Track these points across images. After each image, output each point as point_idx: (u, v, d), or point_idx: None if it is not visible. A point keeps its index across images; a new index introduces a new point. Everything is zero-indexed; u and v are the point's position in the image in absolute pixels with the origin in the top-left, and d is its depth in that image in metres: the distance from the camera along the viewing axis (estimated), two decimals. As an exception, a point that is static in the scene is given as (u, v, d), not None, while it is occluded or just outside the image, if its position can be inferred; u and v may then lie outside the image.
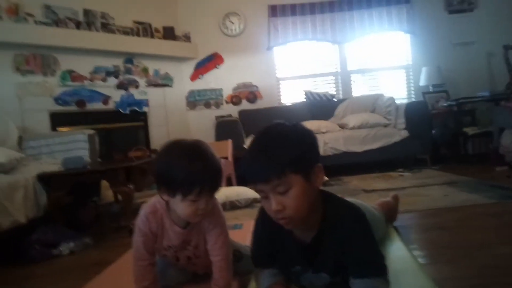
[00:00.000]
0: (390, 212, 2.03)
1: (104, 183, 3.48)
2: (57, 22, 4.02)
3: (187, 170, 1.15)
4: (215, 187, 1.22)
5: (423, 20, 5.16)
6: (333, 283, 1.13)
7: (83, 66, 4.29)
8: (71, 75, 4.17)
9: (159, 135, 4.94)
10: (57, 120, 4.02)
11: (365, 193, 3.17)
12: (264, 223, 1.14)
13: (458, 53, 5.15)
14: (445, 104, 4.71)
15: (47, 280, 1.96)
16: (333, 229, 1.05)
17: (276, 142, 1.01)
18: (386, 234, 1.83)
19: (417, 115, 4.35)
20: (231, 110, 5.26)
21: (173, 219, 1.29)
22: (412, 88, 5.34)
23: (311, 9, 5.20)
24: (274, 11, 5.24)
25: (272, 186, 0.98)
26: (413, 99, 5.24)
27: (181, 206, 1.19)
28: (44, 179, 2.63)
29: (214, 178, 1.20)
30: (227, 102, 5.40)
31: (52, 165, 2.91)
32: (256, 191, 1.04)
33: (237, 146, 4.07)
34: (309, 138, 1.06)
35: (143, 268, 1.29)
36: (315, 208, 1.06)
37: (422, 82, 5.06)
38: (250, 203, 3.13)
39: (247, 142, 4.36)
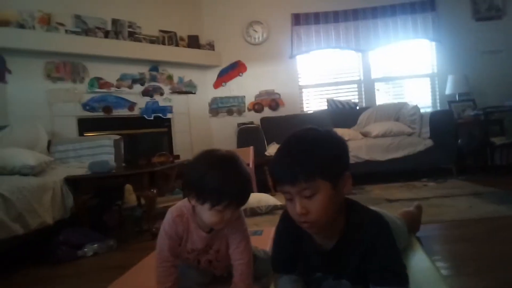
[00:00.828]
0: (413, 222, 2.01)
1: (128, 188, 3.56)
2: (87, 31, 4.17)
3: (219, 182, 1.18)
4: (244, 201, 1.26)
5: (450, 28, 5.09)
6: None
7: (110, 73, 4.42)
8: (98, 82, 4.30)
9: (182, 141, 5.02)
10: (84, 125, 4.15)
11: (388, 203, 3.12)
12: (287, 228, 1.15)
13: (486, 61, 5.04)
14: (472, 113, 4.61)
15: (72, 281, 2.01)
16: (356, 237, 1.05)
17: (308, 146, 1.02)
18: (409, 244, 1.80)
19: (442, 124, 4.27)
20: (253, 118, 5.30)
21: (199, 223, 1.33)
22: (438, 97, 5.25)
23: (334, 18, 5.21)
24: (297, 19, 5.27)
25: (299, 189, 0.99)
26: (438, 108, 5.15)
27: (208, 214, 1.22)
28: (71, 182, 2.71)
29: (243, 193, 1.24)
30: (249, 110, 5.44)
31: (78, 169, 3.00)
32: (282, 192, 1.04)
33: (259, 153, 4.09)
34: (341, 146, 1.07)
35: (167, 269, 1.32)
36: (339, 215, 1.07)
37: (448, 90, 4.97)
38: (270, 210, 3.14)
39: (269, 149, 4.37)
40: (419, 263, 1.58)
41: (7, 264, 2.26)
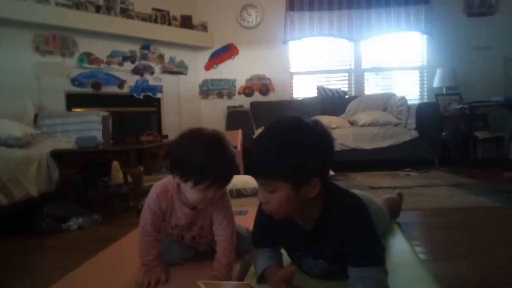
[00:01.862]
0: (394, 208, 2.06)
1: (115, 165, 3.55)
2: (78, 5, 4.09)
3: (203, 161, 1.17)
4: (226, 182, 1.25)
5: (441, 22, 5.12)
6: (331, 270, 1.16)
7: (101, 49, 4.37)
8: (88, 57, 4.24)
9: (171, 122, 5.01)
10: (73, 100, 4.11)
11: (371, 190, 3.18)
12: None
13: (475, 57, 5.10)
14: (458, 107, 4.68)
15: (56, 252, 2.02)
16: (335, 219, 1.07)
17: (281, 143, 0.99)
18: (389, 229, 1.86)
19: (428, 116, 4.34)
20: (243, 101, 5.30)
21: (183, 200, 1.34)
22: (425, 89, 5.32)
23: (329, 5, 5.20)
24: (292, 5, 5.25)
25: (261, 183, 1.03)
26: (426, 100, 5.21)
27: (190, 192, 1.23)
28: (57, 155, 2.70)
29: (227, 173, 1.23)
30: (239, 93, 5.44)
31: (65, 143, 2.99)
32: None
33: (247, 137, 4.11)
34: (321, 149, 1.02)
35: (149, 243, 1.34)
36: (314, 201, 1.07)
37: (436, 83, 5.04)
38: (256, 192, 3.16)
39: (257, 133, 4.39)
40: (399, 246, 1.63)
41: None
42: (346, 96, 5.22)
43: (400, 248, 1.60)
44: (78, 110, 4.05)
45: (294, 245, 1.21)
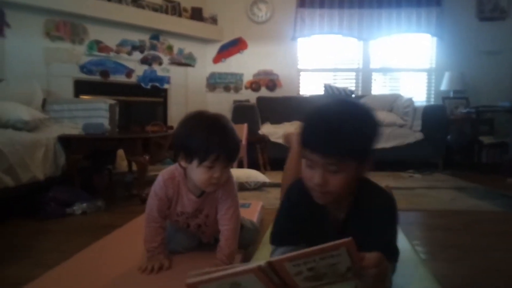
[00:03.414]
0: None
1: (120, 154, 3.59)
2: (90, -8, 4.10)
3: (205, 137, 1.20)
4: (232, 156, 1.26)
5: (452, 25, 5.10)
6: None
7: (111, 37, 4.38)
8: (98, 45, 4.26)
9: (177, 113, 5.02)
10: (81, 87, 4.14)
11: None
12: (303, 197, 1.10)
13: (484, 61, 5.08)
14: (464, 111, 4.68)
15: (59, 236, 2.05)
16: (363, 210, 1.06)
17: (352, 123, 0.96)
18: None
19: (434, 119, 4.33)
20: (250, 96, 5.31)
21: (189, 187, 1.35)
22: (433, 92, 5.30)
23: (340, 3, 5.18)
24: (303, 1, 5.24)
25: (327, 162, 0.95)
26: (432, 103, 5.20)
27: (197, 172, 1.24)
28: (64, 141, 2.73)
29: (231, 148, 1.24)
30: (246, 88, 5.44)
31: (73, 129, 3.01)
32: (305, 156, 1.01)
33: (252, 131, 4.12)
34: (377, 129, 1.03)
35: (154, 230, 1.36)
36: (351, 190, 1.06)
37: (444, 86, 5.03)
38: (258, 187, 3.19)
39: (263, 128, 4.41)
40: (400, 245, 1.62)
41: (-4, 214, 2.29)
42: (353, 95, 5.21)
43: (401, 247, 1.59)
44: (86, 97, 4.08)
45: (323, 237, 1.17)
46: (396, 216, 1.07)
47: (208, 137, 1.20)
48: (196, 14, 5.15)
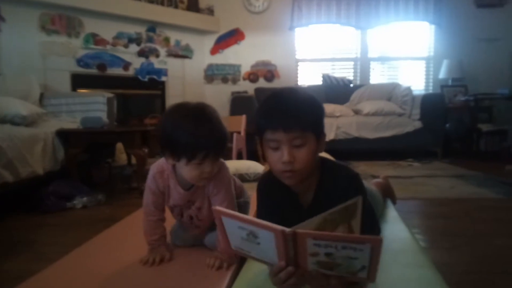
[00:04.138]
0: (385, 190, 2.08)
1: (119, 147, 3.58)
2: (84, -15, 4.07)
3: (191, 135, 1.15)
4: (220, 151, 1.22)
5: (450, 12, 5.07)
6: None
7: (107, 30, 4.35)
8: (94, 38, 4.23)
9: (175, 106, 5.01)
10: (78, 81, 4.12)
11: (372, 179, 3.19)
12: (272, 185, 1.16)
13: (482, 49, 5.06)
14: (463, 99, 4.67)
15: (59, 230, 2.05)
16: (330, 190, 1.10)
17: (305, 99, 1.06)
18: (389, 215, 1.87)
19: (432, 107, 4.33)
20: (248, 87, 5.29)
21: (178, 180, 1.31)
22: (431, 80, 5.29)
23: (337, -8, 5.15)
24: (300, -10, 5.20)
25: (290, 137, 1.01)
26: (431, 91, 5.19)
27: (186, 170, 1.21)
28: (63, 135, 2.72)
29: (219, 143, 1.20)
30: (244, 79, 5.42)
31: (71, 123, 3.01)
32: (269, 140, 1.05)
33: (251, 122, 4.11)
34: (323, 109, 1.12)
35: (153, 223, 1.36)
36: (314, 171, 1.11)
37: (442, 74, 5.02)
38: (258, 178, 3.19)
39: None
40: (400, 234, 1.64)
41: (-3, 209, 2.30)
42: (351, 85, 5.20)
43: (401, 235, 1.61)
44: (83, 90, 4.06)
45: (298, 221, 1.19)
46: (362, 188, 1.10)
47: (195, 135, 1.15)
48: (193, 5, 5.11)
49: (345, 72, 5.44)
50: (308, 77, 5.49)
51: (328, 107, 4.32)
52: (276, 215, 1.16)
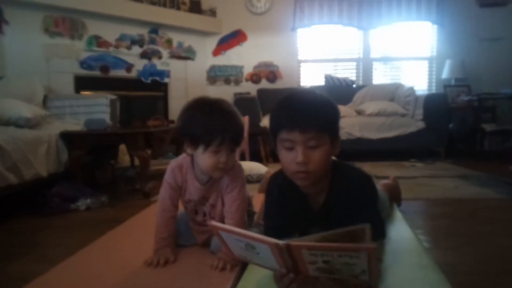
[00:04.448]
0: (393, 193, 2.08)
1: (122, 148, 3.59)
2: (87, -13, 4.08)
3: (209, 121, 1.22)
4: (236, 140, 1.27)
5: (453, 12, 5.06)
6: None
7: (110, 32, 4.37)
8: (97, 40, 4.25)
9: (178, 107, 4.92)
10: (81, 83, 4.14)
11: (376, 179, 3.18)
12: (280, 186, 1.17)
13: (485, 48, 5.05)
14: (466, 99, 4.66)
15: (63, 231, 2.05)
16: (341, 191, 1.10)
17: (322, 101, 1.07)
18: (392, 216, 1.87)
19: (435, 107, 4.31)
20: (250, 88, 5.29)
21: (196, 174, 1.37)
22: (434, 80, 5.28)
23: (339, -8, 5.15)
24: (302, -9, 5.20)
25: (306, 138, 1.01)
26: (434, 91, 5.18)
27: (203, 158, 1.26)
28: (66, 137, 2.73)
29: (235, 131, 1.25)
30: (246, 80, 5.43)
31: (74, 125, 3.02)
32: (283, 140, 1.05)
33: (253, 124, 4.11)
34: (339, 112, 1.14)
35: (166, 219, 1.39)
36: (327, 173, 1.11)
37: (445, 74, 5.00)
38: (261, 179, 3.19)
39: (264, 120, 4.40)
40: (403, 234, 1.64)
41: (1, 212, 2.30)
42: (354, 85, 5.20)
43: (404, 236, 1.62)
44: (86, 92, 4.07)
45: (308, 223, 1.19)
46: (375, 192, 1.11)
47: (212, 121, 1.22)
48: (195, 7, 5.12)
49: (347, 72, 5.44)
50: (311, 77, 5.49)
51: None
52: (285, 216, 1.17)
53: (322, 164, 1.04)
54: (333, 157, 1.14)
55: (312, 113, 1.02)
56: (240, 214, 1.37)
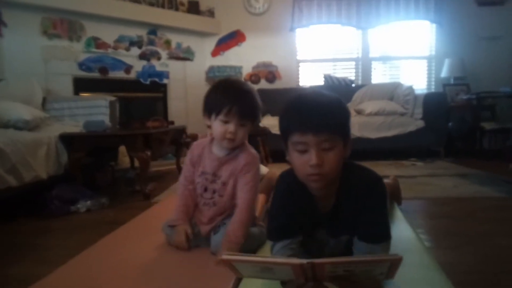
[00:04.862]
0: (393, 192, 2.08)
1: (122, 150, 3.59)
2: (85, -11, 4.08)
3: (220, 94, 1.41)
4: (244, 111, 1.40)
5: (451, 11, 5.06)
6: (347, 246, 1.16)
7: (108, 34, 4.37)
8: (96, 42, 4.25)
9: (177, 108, 5.03)
10: (80, 85, 4.13)
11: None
12: (289, 186, 1.15)
13: (484, 47, 5.05)
14: (465, 97, 4.66)
15: (64, 234, 2.05)
16: (351, 193, 1.09)
17: (335, 103, 1.06)
18: (393, 215, 1.88)
19: (435, 106, 4.32)
20: (249, 89, 5.28)
21: (212, 149, 1.54)
22: (433, 79, 5.28)
23: (337, -8, 5.15)
24: (300, -9, 5.20)
25: (320, 140, 1.00)
26: (433, 90, 5.19)
27: (215, 126, 1.43)
28: (66, 139, 2.73)
29: (243, 103, 1.40)
30: (245, 80, 5.42)
31: (73, 127, 3.02)
32: (296, 143, 1.03)
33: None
34: (349, 113, 1.13)
35: (188, 192, 1.57)
36: (338, 175, 1.09)
37: (444, 73, 5.01)
38: (261, 179, 3.19)
39: (263, 120, 4.40)
40: (404, 234, 1.65)
41: (1, 214, 2.30)
42: (353, 85, 5.20)
43: (405, 235, 1.62)
44: (85, 94, 4.07)
45: (315, 225, 1.17)
46: (385, 193, 1.09)
47: (223, 93, 1.41)
48: (193, 8, 5.12)
49: (346, 72, 5.44)
50: (310, 77, 5.49)
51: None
52: (290, 216, 1.15)
53: (336, 166, 1.03)
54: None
55: (325, 114, 1.01)
56: (251, 196, 1.47)
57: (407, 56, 5.41)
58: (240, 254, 0.92)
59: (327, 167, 1.01)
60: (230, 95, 1.39)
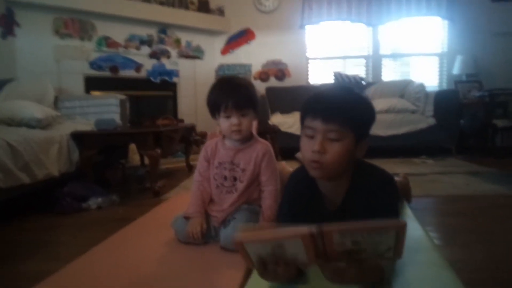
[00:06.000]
0: (403, 190, 2.06)
1: (132, 148, 3.62)
2: (96, -12, 4.12)
3: (216, 93, 1.50)
4: (240, 103, 1.47)
5: (464, 7, 4.99)
6: None
7: (119, 33, 4.41)
8: (106, 41, 4.29)
9: (187, 106, 5.05)
10: (91, 84, 4.18)
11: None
12: (299, 181, 1.17)
13: (497, 43, 4.97)
14: (477, 94, 4.60)
15: (75, 230, 2.08)
16: (361, 191, 1.08)
17: (357, 98, 1.07)
18: (403, 213, 1.86)
19: (446, 104, 4.27)
20: (259, 87, 5.25)
21: (225, 142, 1.59)
22: (445, 76, 5.22)
23: (347, -11, 5.11)
24: (310, -12, 5.18)
25: (328, 128, 1.01)
26: (445, 87, 5.12)
27: (221, 123, 1.51)
28: (77, 137, 2.76)
29: (237, 97, 1.46)
30: (255, 78, 5.42)
31: (85, 125, 3.05)
32: (306, 127, 1.06)
33: (262, 122, 4.10)
34: (374, 115, 1.12)
35: (203, 188, 1.61)
36: (346, 173, 1.09)
37: (456, 70, 4.95)
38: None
39: (273, 118, 4.40)
40: (414, 232, 1.63)
41: (14, 211, 2.34)
42: (363, 82, 5.16)
43: (415, 233, 1.60)
44: (96, 93, 4.12)
45: (321, 222, 1.17)
46: (396, 193, 1.10)
47: (218, 92, 1.49)
48: (203, 6, 5.14)
49: (356, 69, 5.41)
50: (320, 75, 5.47)
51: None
52: (298, 214, 1.16)
53: (338, 159, 1.02)
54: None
55: (339, 106, 1.02)
56: (273, 183, 1.54)
57: (418, 53, 5.35)
58: (255, 230, 0.94)
59: (328, 157, 1.02)
60: (224, 92, 1.48)
